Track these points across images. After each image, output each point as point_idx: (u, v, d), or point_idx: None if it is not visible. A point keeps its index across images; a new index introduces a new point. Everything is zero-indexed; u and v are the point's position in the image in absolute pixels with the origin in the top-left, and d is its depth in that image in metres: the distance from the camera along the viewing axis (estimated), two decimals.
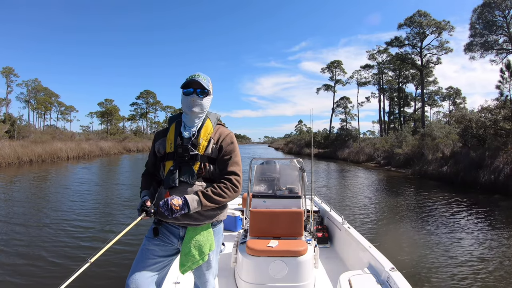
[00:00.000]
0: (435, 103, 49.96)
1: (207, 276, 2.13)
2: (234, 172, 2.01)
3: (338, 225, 4.59)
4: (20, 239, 6.38)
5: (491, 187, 13.41)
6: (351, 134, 45.45)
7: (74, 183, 14.51)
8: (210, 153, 2.02)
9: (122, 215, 8.61)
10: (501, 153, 14.81)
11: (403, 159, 23.90)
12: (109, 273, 4.83)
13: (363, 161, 31.07)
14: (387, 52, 43.55)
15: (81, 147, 32.26)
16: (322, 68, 53.02)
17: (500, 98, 17.96)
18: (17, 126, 30.58)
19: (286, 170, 4.13)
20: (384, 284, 2.77)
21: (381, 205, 10.60)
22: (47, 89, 58.11)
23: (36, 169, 20.00)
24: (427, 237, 6.98)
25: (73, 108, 66.05)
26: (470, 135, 18.45)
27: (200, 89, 2.04)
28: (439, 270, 5.12)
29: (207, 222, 2.02)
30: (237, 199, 6.10)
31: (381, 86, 47.36)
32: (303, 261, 3.14)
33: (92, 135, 46.67)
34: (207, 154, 2.01)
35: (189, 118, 2.07)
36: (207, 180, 2.03)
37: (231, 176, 1.99)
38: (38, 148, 25.44)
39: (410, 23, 35.00)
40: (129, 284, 1.88)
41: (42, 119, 58.93)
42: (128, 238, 6.10)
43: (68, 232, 6.89)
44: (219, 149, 2.05)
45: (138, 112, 77.77)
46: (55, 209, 8.98)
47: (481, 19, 24.30)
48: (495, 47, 24.72)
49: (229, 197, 1.98)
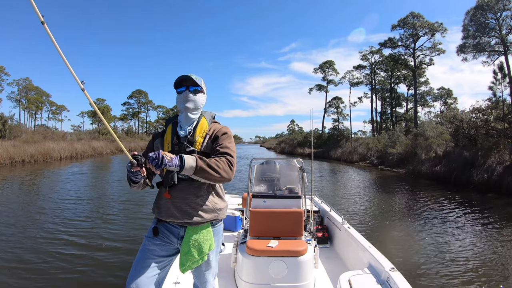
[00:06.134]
0: (427, 103, 50.51)
1: (207, 276, 2.12)
2: (228, 153, 1.96)
3: (338, 225, 4.59)
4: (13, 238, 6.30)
5: (485, 186, 13.61)
6: (343, 134, 45.77)
7: (72, 183, 14.36)
8: (206, 148, 2.02)
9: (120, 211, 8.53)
10: (493, 153, 15.03)
11: (396, 158, 24.13)
12: (109, 273, 4.79)
13: (357, 160, 31.27)
14: (380, 53, 43.98)
15: (74, 147, 31.92)
16: (315, 68, 53.53)
17: (492, 99, 18.24)
18: (8, 125, 30.09)
19: (286, 170, 4.13)
20: (384, 284, 2.77)
21: (378, 205, 10.66)
22: (38, 88, 57.59)
23: (29, 169, 19.72)
24: (426, 237, 7.03)
25: (64, 107, 65.56)
26: (461, 135, 18.70)
27: (192, 86, 2.05)
28: (439, 269, 5.16)
29: (206, 222, 2.02)
30: (237, 199, 6.09)
31: (374, 87, 47.81)
32: (303, 261, 3.13)
33: (84, 135, 46.20)
34: (203, 150, 2.01)
35: (184, 115, 2.07)
36: None
37: (225, 155, 1.94)
38: (30, 148, 25.11)
39: (403, 24, 35.36)
40: (129, 284, 1.88)
41: (33, 119, 58.36)
42: (128, 238, 6.08)
43: (64, 232, 6.81)
44: (213, 140, 2.04)
45: (130, 111, 77.47)
46: (53, 209, 8.85)
47: (473, 21, 24.57)
48: (488, 49, 25.02)
49: (224, 171, 1.87)
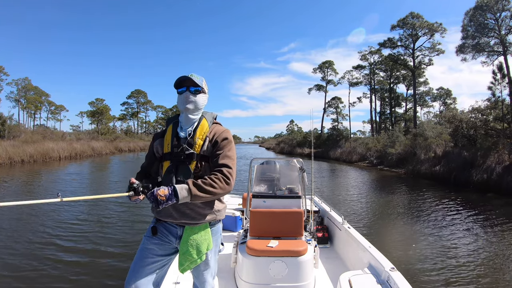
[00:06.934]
0: (426, 103, 50.56)
1: (206, 275, 2.12)
2: (226, 165, 1.96)
3: (338, 225, 4.59)
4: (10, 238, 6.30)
5: (484, 186, 13.62)
6: (343, 134, 45.77)
7: (70, 184, 14.33)
8: (206, 152, 2.02)
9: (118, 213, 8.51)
10: (492, 153, 15.05)
11: (395, 158, 24.14)
12: (108, 273, 4.79)
13: (356, 160, 31.26)
14: (379, 53, 43.98)
15: (73, 147, 31.84)
16: (314, 68, 53.52)
17: (491, 99, 18.26)
18: (8, 125, 30.04)
19: (286, 170, 4.12)
20: (384, 284, 2.77)
21: (378, 205, 10.66)
22: (37, 88, 57.59)
23: (27, 170, 19.68)
24: (426, 237, 7.03)
25: (63, 107, 65.57)
26: (461, 135, 18.71)
27: (193, 86, 2.05)
28: (438, 269, 5.16)
29: (204, 221, 2.01)
30: (237, 199, 6.09)
31: (373, 87, 47.80)
32: (303, 261, 3.13)
33: (83, 135, 46.17)
34: (203, 153, 2.01)
35: (185, 117, 2.07)
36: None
37: (222, 168, 1.94)
38: (29, 148, 25.06)
39: (403, 24, 35.34)
40: (128, 283, 1.89)
41: (32, 119, 58.34)
42: (128, 238, 6.07)
43: (62, 231, 6.80)
44: (214, 145, 2.04)
45: (129, 111, 77.46)
46: (50, 209, 8.85)
47: (473, 22, 24.58)
48: (487, 49, 25.04)
49: (221, 189, 1.89)
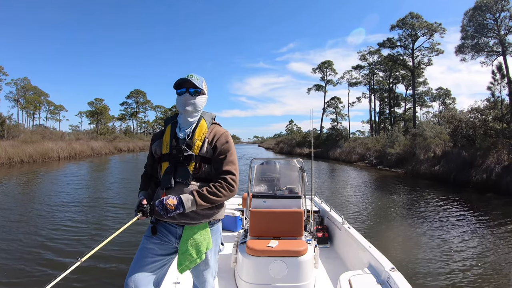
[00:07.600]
0: (425, 103, 50.59)
1: (205, 275, 2.12)
2: (230, 172, 2.00)
3: (338, 225, 4.58)
4: (9, 238, 6.28)
5: (483, 186, 13.64)
6: (342, 134, 45.70)
7: (70, 183, 14.31)
8: (205, 153, 2.02)
9: (117, 215, 8.52)
10: (491, 153, 15.07)
11: (395, 158, 24.13)
12: (108, 273, 4.79)
13: (355, 160, 31.25)
14: (379, 53, 43.97)
15: (72, 147, 31.80)
16: (313, 68, 53.48)
17: (490, 99, 18.28)
18: (7, 125, 30.00)
19: (286, 170, 4.12)
20: (384, 284, 2.77)
21: (378, 205, 10.67)
22: (37, 88, 57.38)
23: (27, 170, 19.65)
24: (426, 237, 7.04)
25: (63, 107, 65.36)
26: (460, 135, 18.72)
27: (192, 88, 2.05)
28: (439, 269, 5.17)
29: (204, 221, 2.02)
30: (237, 199, 6.09)
31: (372, 87, 47.81)
32: (303, 261, 3.13)
33: (82, 135, 46.13)
34: (201, 154, 2.01)
35: (183, 118, 2.07)
36: (204, 180, 2.02)
37: (226, 176, 1.99)
38: (29, 148, 25.03)
39: (402, 24, 35.36)
40: (128, 282, 1.89)
41: (32, 119, 58.16)
42: (128, 237, 6.07)
43: (60, 231, 6.82)
44: (214, 148, 2.04)
45: (128, 111, 77.41)
46: (49, 210, 8.84)
47: (472, 22, 24.57)
48: (486, 49, 25.03)
49: (225, 196, 1.97)
